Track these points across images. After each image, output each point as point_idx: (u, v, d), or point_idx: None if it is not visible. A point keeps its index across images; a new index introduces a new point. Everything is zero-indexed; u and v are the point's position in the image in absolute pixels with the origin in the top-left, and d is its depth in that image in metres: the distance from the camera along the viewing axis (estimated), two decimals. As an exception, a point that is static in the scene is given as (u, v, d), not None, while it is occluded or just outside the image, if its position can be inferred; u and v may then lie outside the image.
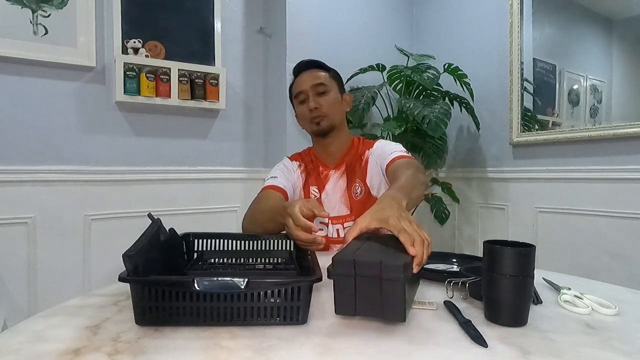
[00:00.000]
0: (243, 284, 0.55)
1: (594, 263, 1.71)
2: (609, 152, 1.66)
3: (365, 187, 1.19)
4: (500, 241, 0.61)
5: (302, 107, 1.21)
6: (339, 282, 0.55)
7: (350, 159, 1.23)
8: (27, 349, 0.49)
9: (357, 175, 1.21)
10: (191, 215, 2.02)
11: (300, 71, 1.24)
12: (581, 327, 0.58)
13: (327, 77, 1.22)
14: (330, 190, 1.21)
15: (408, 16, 2.60)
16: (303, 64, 1.25)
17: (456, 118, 2.20)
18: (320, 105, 1.17)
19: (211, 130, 2.10)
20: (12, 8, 1.58)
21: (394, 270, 0.53)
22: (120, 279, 0.54)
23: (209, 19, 2.02)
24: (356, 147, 1.26)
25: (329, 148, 1.24)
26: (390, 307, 0.54)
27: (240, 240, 0.90)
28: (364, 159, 1.23)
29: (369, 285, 0.54)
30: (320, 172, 1.25)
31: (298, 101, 1.23)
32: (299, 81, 1.23)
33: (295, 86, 1.24)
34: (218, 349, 0.50)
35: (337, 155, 1.24)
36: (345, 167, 1.23)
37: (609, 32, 1.76)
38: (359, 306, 0.55)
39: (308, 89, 1.19)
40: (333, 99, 1.20)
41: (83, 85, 1.77)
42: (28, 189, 1.65)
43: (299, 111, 1.24)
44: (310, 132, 1.26)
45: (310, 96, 1.18)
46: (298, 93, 1.21)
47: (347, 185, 1.21)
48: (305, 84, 1.20)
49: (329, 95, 1.19)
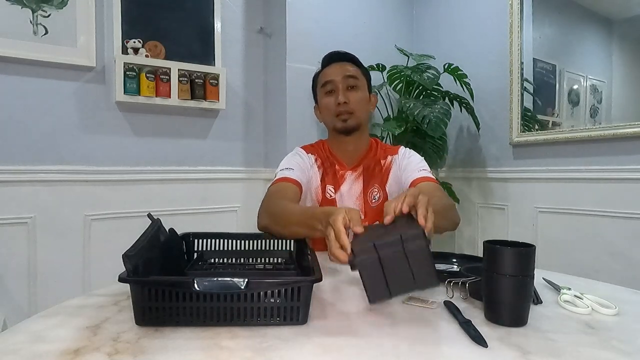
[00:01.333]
0: (243, 284, 0.55)
1: (594, 263, 1.71)
2: (609, 152, 1.66)
3: (384, 193, 1.15)
4: (500, 241, 0.61)
5: (329, 99, 1.14)
6: (365, 269, 0.55)
7: (368, 161, 1.18)
8: (27, 349, 0.49)
9: (376, 180, 1.16)
10: (191, 215, 2.02)
11: (332, 61, 1.16)
12: (581, 327, 0.58)
13: (359, 72, 1.15)
14: (345, 192, 1.16)
15: (408, 16, 2.60)
16: (335, 54, 1.17)
17: (456, 118, 2.19)
18: (350, 101, 1.11)
19: (211, 130, 2.10)
20: (12, 8, 1.58)
21: (417, 238, 0.54)
22: (120, 279, 0.54)
23: (209, 19, 2.02)
24: (374, 150, 1.21)
25: (347, 147, 1.18)
26: (421, 274, 0.54)
27: (240, 240, 0.90)
28: (384, 164, 1.18)
29: (396, 262, 0.54)
30: (336, 171, 1.18)
31: (325, 91, 1.15)
32: (329, 70, 1.15)
33: (324, 75, 1.16)
34: (218, 349, 0.50)
35: (355, 156, 1.18)
36: (363, 169, 1.18)
37: (608, 32, 1.75)
38: (392, 287, 0.55)
39: (339, 80, 1.12)
40: (362, 97, 1.14)
41: (83, 85, 1.76)
42: (28, 189, 1.65)
43: (324, 102, 1.15)
44: (331, 128, 1.18)
45: (340, 89, 1.11)
46: (326, 82, 1.13)
47: (363, 189, 1.16)
48: (337, 74, 1.12)
49: (359, 91, 1.13)
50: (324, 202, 1.19)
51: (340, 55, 1.17)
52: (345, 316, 0.61)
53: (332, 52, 1.18)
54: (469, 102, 2.10)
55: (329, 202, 1.18)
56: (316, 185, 1.18)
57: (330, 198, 1.18)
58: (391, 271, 0.54)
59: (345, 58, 1.17)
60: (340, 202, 1.17)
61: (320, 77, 1.18)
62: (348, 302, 0.66)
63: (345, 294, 0.72)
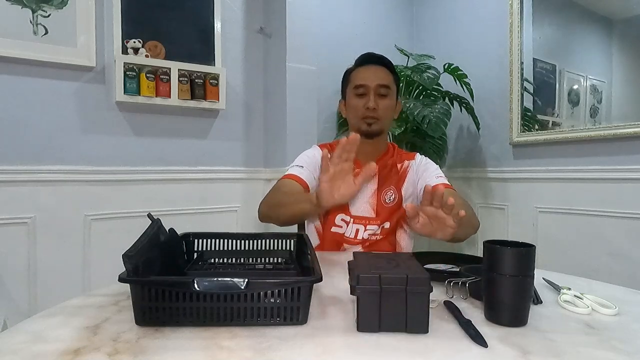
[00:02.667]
0: (243, 284, 0.55)
1: (594, 263, 1.71)
2: (609, 152, 1.66)
3: (400, 195, 1.17)
4: (500, 241, 0.61)
5: (360, 100, 1.16)
6: (363, 298, 0.55)
7: (385, 163, 1.20)
8: (27, 349, 0.49)
9: (392, 181, 1.18)
10: (191, 215, 2.02)
11: (369, 62, 1.18)
12: (581, 327, 0.58)
13: (391, 80, 1.17)
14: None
15: (408, 16, 2.60)
16: (373, 56, 1.19)
17: (456, 118, 2.19)
18: (379, 108, 1.14)
19: (211, 130, 2.10)
20: (12, 8, 1.58)
21: (421, 284, 0.54)
22: (120, 279, 0.54)
23: (209, 19, 2.02)
24: (391, 153, 1.24)
25: (366, 148, 1.18)
26: (414, 319, 0.55)
27: (240, 240, 0.90)
28: (401, 167, 1.20)
29: (394, 299, 0.55)
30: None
31: (356, 93, 1.16)
32: (365, 73, 1.16)
33: (359, 76, 1.17)
34: (218, 349, 0.50)
35: (373, 157, 1.20)
36: (379, 169, 1.18)
37: (608, 32, 1.76)
38: (383, 322, 0.55)
39: (372, 87, 1.14)
40: (390, 105, 1.17)
41: (83, 85, 1.76)
42: (28, 189, 1.65)
43: (353, 103, 1.17)
44: (355, 129, 1.19)
45: (372, 94, 1.14)
46: (360, 85, 1.15)
47: (377, 188, 1.18)
48: (372, 80, 1.14)
49: (388, 99, 1.16)
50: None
51: (377, 59, 1.18)
52: (345, 316, 0.61)
53: (369, 53, 1.20)
54: (469, 102, 2.10)
55: None
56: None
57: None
58: (387, 308, 0.55)
59: (382, 62, 1.18)
60: (353, 199, 1.17)
61: (353, 76, 1.19)
62: (348, 302, 0.66)
63: (345, 294, 0.72)
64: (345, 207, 1.17)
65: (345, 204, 1.15)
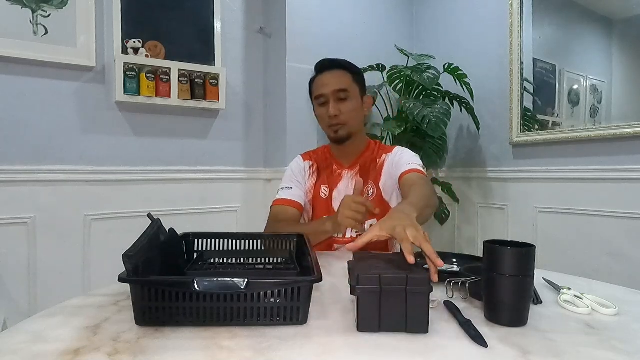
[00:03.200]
0: (243, 285, 0.55)
1: (594, 263, 1.71)
2: (609, 152, 1.66)
3: (378, 190, 1.18)
4: (500, 241, 0.61)
5: (322, 109, 1.18)
6: (363, 298, 0.55)
7: (365, 160, 1.22)
8: (27, 349, 0.49)
9: (371, 177, 1.20)
10: (191, 215, 2.02)
11: (323, 70, 1.18)
12: (581, 327, 0.58)
13: (349, 81, 1.17)
14: (342, 190, 1.20)
15: (408, 16, 2.60)
16: (327, 62, 1.19)
17: (456, 118, 2.19)
18: (341, 113, 1.14)
19: (211, 130, 2.10)
20: (12, 8, 1.58)
21: (421, 283, 0.54)
22: (120, 279, 0.54)
23: (209, 19, 2.02)
24: (372, 149, 1.25)
25: (345, 149, 1.23)
26: (414, 319, 0.55)
27: (240, 240, 0.90)
28: (379, 161, 1.21)
29: (394, 299, 0.55)
30: (333, 171, 1.24)
31: (318, 103, 1.19)
32: (321, 82, 1.17)
33: (317, 87, 1.19)
34: (218, 349, 0.50)
35: (353, 156, 1.23)
36: (360, 167, 1.22)
37: (608, 32, 1.75)
38: (383, 322, 0.55)
39: (329, 94, 1.15)
40: (354, 106, 1.17)
41: (83, 85, 1.76)
42: (28, 189, 1.65)
43: (319, 113, 1.20)
44: (327, 136, 1.24)
45: (331, 101, 1.15)
46: (319, 95, 1.17)
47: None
48: (327, 88, 1.15)
49: (350, 101, 1.16)
50: (317, 202, 1.23)
51: (331, 63, 1.18)
52: (345, 316, 0.61)
53: (323, 60, 1.21)
54: (469, 102, 2.10)
55: (323, 202, 1.22)
56: (310, 187, 1.24)
57: (325, 197, 1.22)
58: (387, 308, 0.55)
59: (336, 65, 1.18)
60: (338, 199, 1.19)
61: (313, 86, 1.21)
62: (348, 302, 0.66)
63: (345, 294, 0.72)
64: (330, 209, 1.19)
65: (332, 208, 1.19)
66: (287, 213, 1.18)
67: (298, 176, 1.25)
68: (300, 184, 1.24)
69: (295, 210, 1.19)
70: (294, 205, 1.19)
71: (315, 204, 1.23)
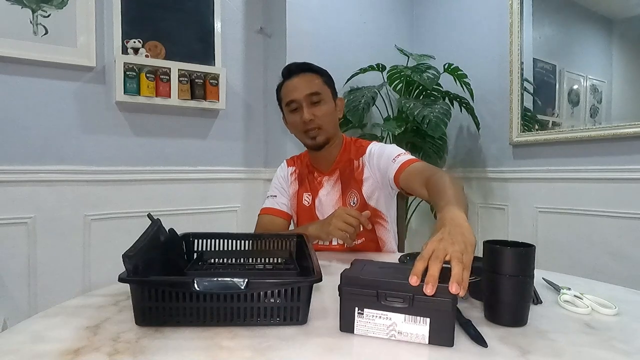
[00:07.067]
0: (243, 285, 0.55)
1: (594, 263, 1.71)
2: (609, 152, 1.66)
3: (361, 197, 1.15)
4: (500, 241, 0.61)
5: (295, 116, 1.13)
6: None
7: (343, 165, 1.18)
8: (27, 349, 0.49)
9: (352, 184, 1.16)
10: (191, 215, 2.02)
11: (292, 74, 1.14)
12: (581, 327, 0.58)
13: (320, 84, 1.13)
14: (323, 197, 1.18)
15: (408, 16, 2.60)
16: (294, 67, 1.15)
17: (456, 118, 2.19)
18: (316, 117, 1.10)
19: (211, 130, 2.10)
20: (12, 8, 1.58)
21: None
22: (120, 279, 0.54)
23: (209, 19, 2.02)
24: (348, 150, 1.20)
25: (322, 154, 1.19)
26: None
27: (240, 240, 0.90)
28: (356, 166, 1.17)
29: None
30: (314, 178, 1.21)
31: (290, 109, 1.14)
32: (291, 87, 1.12)
33: (286, 92, 1.14)
34: (218, 349, 0.50)
35: (331, 162, 1.20)
36: (339, 173, 1.18)
37: (609, 32, 1.75)
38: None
39: (302, 99, 1.10)
40: (328, 110, 1.13)
41: (83, 85, 1.76)
42: (28, 189, 1.65)
43: (291, 120, 1.16)
44: (303, 144, 1.20)
45: (304, 106, 1.10)
46: (291, 101, 1.12)
47: (342, 193, 1.16)
48: (299, 93, 1.10)
49: (323, 105, 1.12)
50: (300, 210, 1.22)
51: (300, 67, 1.15)
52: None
53: (290, 64, 1.17)
54: (469, 102, 2.10)
55: (306, 209, 1.21)
56: (293, 194, 1.24)
57: (308, 205, 1.20)
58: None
59: (305, 69, 1.15)
60: (319, 206, 1.18)
61: (283, 92, 1.16)
62: (348, 302, 0.66)
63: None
64: (314, 216, 1.18)
65: (316, 215, 1.19)
66: (275, 223, 1.19)
67: (283, 184, 1.25)
68: (285, 191, 1.24)
69: (283, 221, 1.21)
70: (282, 216, 1.21)
71: (299, 212, 1.23)
